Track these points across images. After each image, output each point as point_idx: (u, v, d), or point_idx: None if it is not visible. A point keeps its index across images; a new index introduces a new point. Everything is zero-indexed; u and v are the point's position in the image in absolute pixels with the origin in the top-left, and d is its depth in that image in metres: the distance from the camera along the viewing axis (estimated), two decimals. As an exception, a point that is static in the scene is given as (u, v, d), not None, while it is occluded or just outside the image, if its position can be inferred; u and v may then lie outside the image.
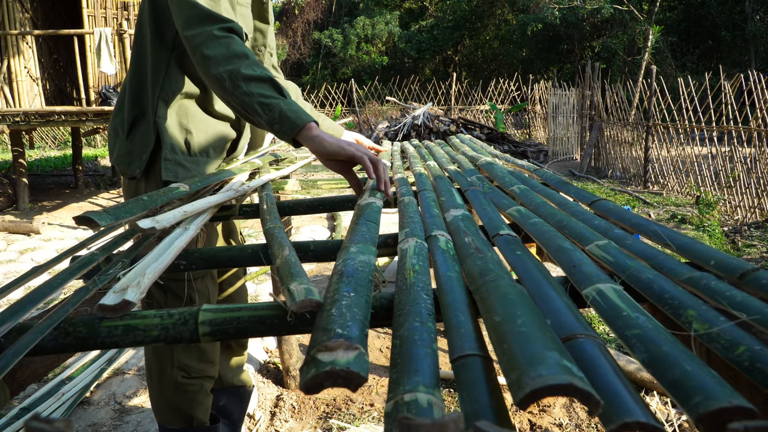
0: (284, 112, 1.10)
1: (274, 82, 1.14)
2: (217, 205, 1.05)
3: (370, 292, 0.52)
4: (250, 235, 5.00)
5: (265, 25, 1.46)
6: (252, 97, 1.12)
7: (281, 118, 1.11)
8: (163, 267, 0.65)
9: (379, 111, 13.61)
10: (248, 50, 1.17)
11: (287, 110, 1.10)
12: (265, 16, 1.45)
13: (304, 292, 0.52)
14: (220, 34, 1.16)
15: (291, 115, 1.10)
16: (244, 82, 1.12)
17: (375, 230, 0.75)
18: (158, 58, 1.30)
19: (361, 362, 0.36)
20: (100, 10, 6.47)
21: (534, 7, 16.76)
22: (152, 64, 1.30)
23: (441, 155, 1.73)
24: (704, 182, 6.09)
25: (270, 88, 1.13)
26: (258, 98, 1.11)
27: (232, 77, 1.13)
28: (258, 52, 1.47)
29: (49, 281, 0.59)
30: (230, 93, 1.14)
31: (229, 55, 1.14)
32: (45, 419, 0.25)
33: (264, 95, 1.12)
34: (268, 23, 1.46)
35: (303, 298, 0.51)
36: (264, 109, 1.12)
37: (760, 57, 14.79)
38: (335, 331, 0.40)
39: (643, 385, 2.18)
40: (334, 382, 0.35)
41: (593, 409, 0.30)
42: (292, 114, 1.10)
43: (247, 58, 1.15)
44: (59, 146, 14.26)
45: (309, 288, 0.54)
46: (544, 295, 0.50)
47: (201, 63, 1.17)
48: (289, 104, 1.12)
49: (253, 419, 2.07)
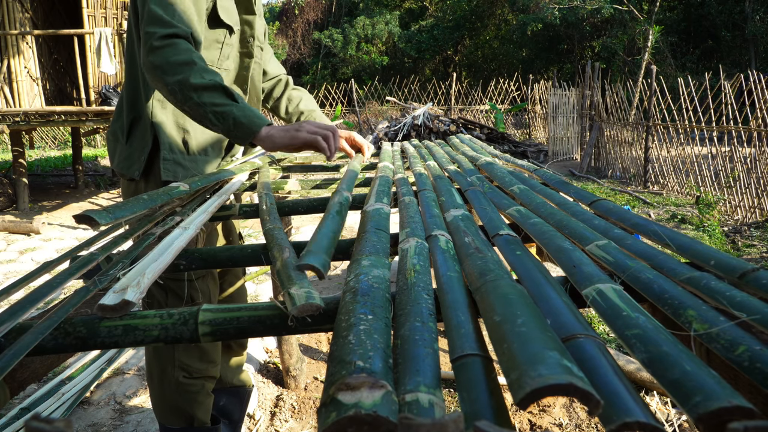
0: (238, 119, 1.10)
1: (224, 89, 1.12)
2: (214, 208, 1.04)
3: (389, 313, 0.48)
4: (250, 235, 5.00)
5: (252, 16, 1.45)
6: (204, 107, 1.11)
7: (236, 126, 1.11)
8: (163, 267, 0.65)
9: (379, 111, 13.62)
10: (195, 55, 1.15)
11: (240, 116, 1.10)
12: (251, 7, 1.44)
13: (305, 296, 0.52)
14: (158, 44, 1.13)
15: (245, 121, 1.10)
16: (194, 93, 1.10)
17: (386, 240, 0.71)
18: None
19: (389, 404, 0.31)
20: (100, 10, 6.47)
21: (534, 7, 16.75)
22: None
23: (441, 155, 1.73)
24: (704, 182, 6.09)
25: (221, 95, 1.11)
26: (210, 107, 1.10)
27: (182, 88, 1.11)
28: (246, 43, 1.46)
29: (48, 281, 0.59)
30: (183, 103, 1.13)
31: (175, 64, 1.12)
32: (45, 419, 0.25)
33: (216, 104, 1.10)
34: (255, 14, 1.45)
35: (303, 302, 0.50)
36: (218, 118, 1.11)
37: (760, 57, 14.79)
38: (356, 364, 0.36)
39: (643, 385, 2.18)
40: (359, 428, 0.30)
41: (593, 409, 0.30)
42: (246, 120, 1.10)
43: (195, 64, 1.12)
44: (59, 146, 14.26)
45: (309, 292, 0.53)
46: (543, 295, 0.50)
47: (149, 73, 1.15)
48: (242, 109, 1.11)
49: (253, 419, 2.07)
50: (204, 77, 1.11)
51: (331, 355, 0.39)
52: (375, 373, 0.35)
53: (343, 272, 3.95)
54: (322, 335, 2.82)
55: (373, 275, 0.55)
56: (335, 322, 0.46)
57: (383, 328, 0.43)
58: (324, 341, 2.79)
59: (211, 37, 1.35)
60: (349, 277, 0.56)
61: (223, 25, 1.35)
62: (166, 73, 1.12)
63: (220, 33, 1.36)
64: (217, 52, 1.37)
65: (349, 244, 0.83)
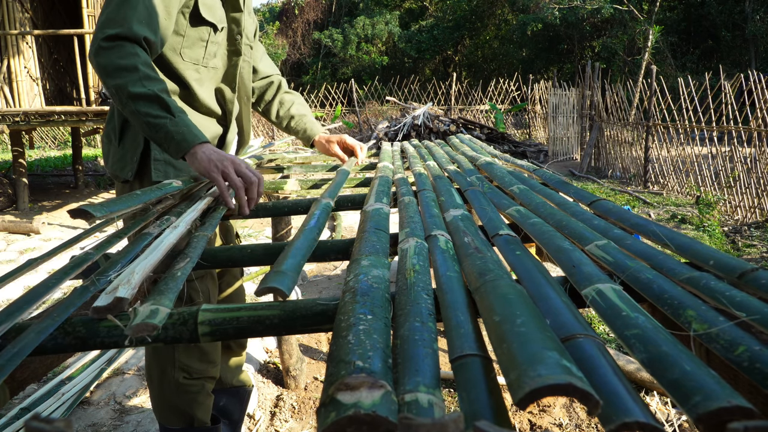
0: (170, 134, 1.09)
1: (161, 100, 1.11)
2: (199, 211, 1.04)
3: (389, 313, 0.48)
4: (249, 235, 5.01)
5: (239, 13, 1.43)
6: (139, 116, 1.10)
7: (167, 140, 1.10)
8: (154, 263, 0.65)
9: (379, 111, 13.61)
10: (140, 60, 1.13)
11: (174, 131, 1.09)
12: (238, 5, 1.42)
13: (148, 313, 0.51)
14: (105, 44, 1.13)
15: (177, 137, 1.09)
16: (131, 101, 1.10)
17: (385, 240, 0.71)
18: None
19: (388, 404, 0.31)
20: (100, 10, 6.47)
21: (534, 7, 16.76)
22: None
23: (441, 155, 1.73)
24: (704, 182, 6.09)
25: (157, 107, 1.10)
26: (145, 118, 1.10)
27: (119, 93, 1.11)
28: (234, 41, 1.45)
29: (45, 281, 0.59)
30: (122, 107, 1.14)
31: (117, 68, 1.11)
32: (45, 419, 0.25)
33: (150, 114, 1.10)
34: (242, 11, 1.43)
35: (140, 321, 0.49)
36: (151, 129, 1.11)
37: (760, 57, 14.79)
38: (355, 364, 0.36)
39: (643, 385, 2.18)
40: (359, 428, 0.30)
41: (593, 408, 0.30)
42: (179, 136, 1.09)
43: (136, 71, 1.11)
44: (59, 146, 14.26)
45: (156, 309, 0.52)
46: (543, 295, 0.50)
47: (96, 71, 1.16)
48: (176, 124, 1.10)
49: (253, 419, 2.07)
50: (144, 85, 1.10)
51: (331, 355, 0.39)
52: (374, 373, 0.35)
53: (343, 272, 3.94)
54: (322, 335, 2.82)
55: (372, 275, 0.55)
56: (335, 322, 0.46)
57: (383, 328, 0.43)
58: (324, 341, 2.79)
59: (194, 35, 1.33)
60: (348, 277, 0.56)
61: (206, 23, 1.33)
62: (107, 75, 1.12)
63: (204, 31, 1.34)
64: (202, 50, 1.36)
65: (348, 244, 0.83)
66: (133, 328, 0.48)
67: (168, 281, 0.60)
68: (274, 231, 2.17)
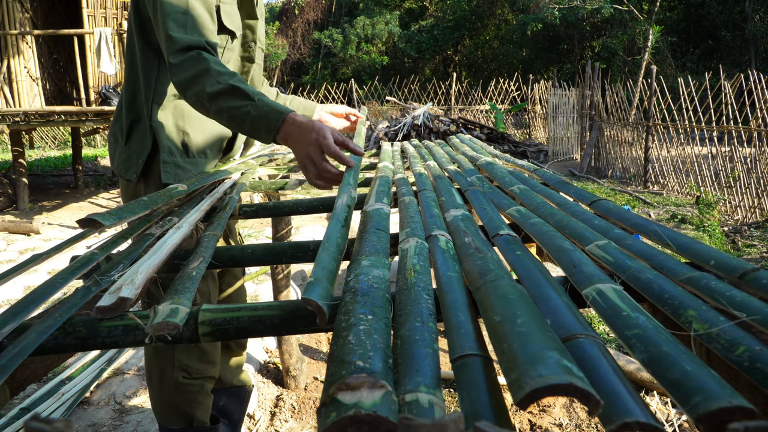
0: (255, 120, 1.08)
1: (238, 89, 1.10)
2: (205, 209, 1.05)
3: (389, 313, 0.48)
4: (250, 235, 5.01)
5: (254, 20, 1.45)
6: (225, 114, 1.11)
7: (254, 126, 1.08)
8: (157, 264, 0.65)
9: (379, 111, 13.60)
10: (209, 62, 1.14)
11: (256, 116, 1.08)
12: (254, 12, 1.43)
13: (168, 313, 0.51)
14: (175, 60, 1.14)
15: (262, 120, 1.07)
16: (212, 101, 1.10)
17: (386, 240, 0.71)
18: (147, 62, 1.30)
19: (389, 404, 0.31)
20: (100, 10, 6.47)
21: (534, 7, 16.76)
22: (143, 68, 1.31)
23: (441, 155, 1.73)
24: (704, 182, 6.09)
25: (236, 97, 1.10)
26: (229, 112, 1.10)
27: (200, 99, 1.12)
28: (248, 47, 1.46)
29: (48, 281, 0.59)
30: (207, 113, 1.15)
31: (191, 77, 1.13)
32: (45, 419, 0.25)
33: (233, 107, 1.10)
34: (257, 18, 1.45)
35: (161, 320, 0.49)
36: (239, 122, 1.10)
37: (760, 57, 14.79)
38: (356, 364, 0.36)
39: (643, 385, 2.18)
40: (359, 428, 0.30)
41: (593, 409, 0.30)
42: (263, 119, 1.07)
43: (208, 73, 1.12)
44: (59, 146, 14.26)
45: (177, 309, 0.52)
46: (543, 295, 0.50)
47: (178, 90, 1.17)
48: (257, 107, 1.09)
49: (253, 419, 2.07)
50: (219, 82, 1.10)
51: (331, 355, 0.39)
52: (375, 373, 0.35)
53: (343, 272, 3.95)
54: (322, 335, 2.82)
55: (373, 275, 0.55)
56: (335, 322, 0.46)
57: (383, 328, 0.43)
58: (324, 341, 2.79)
59: None
60: (349, 277, 0.56)
61: (225, 31, 1.35)
62: (186, 88, 1.13)
63: (222, 38, 1.35)
64: (218, 58, 1.37)
65: (349, 244, 0.83)
66: (154, 326, 0.49)
67: (184, 280, 0.60)
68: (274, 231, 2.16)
